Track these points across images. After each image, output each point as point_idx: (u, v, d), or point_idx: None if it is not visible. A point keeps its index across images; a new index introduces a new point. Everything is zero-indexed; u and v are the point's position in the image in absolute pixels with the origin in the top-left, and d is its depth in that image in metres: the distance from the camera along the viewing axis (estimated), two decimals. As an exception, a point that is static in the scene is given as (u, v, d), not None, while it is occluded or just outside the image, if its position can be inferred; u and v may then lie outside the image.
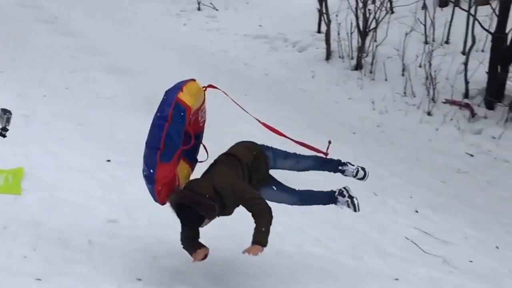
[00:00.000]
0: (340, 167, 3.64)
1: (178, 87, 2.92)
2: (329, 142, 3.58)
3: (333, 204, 3.56)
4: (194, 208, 2.89)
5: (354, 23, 8.92)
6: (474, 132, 7.61)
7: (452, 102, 8.11)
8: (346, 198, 3.51)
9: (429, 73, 8.01)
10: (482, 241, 4.85)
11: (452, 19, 9.02)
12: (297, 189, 3.56)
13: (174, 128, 2.83)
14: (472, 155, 7.15)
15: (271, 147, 3.51)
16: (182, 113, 2.85)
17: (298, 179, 3.86)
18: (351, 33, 8.96)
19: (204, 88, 3.17)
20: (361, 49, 8.88)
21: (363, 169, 3.68)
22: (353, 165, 3.67)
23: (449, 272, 4.00)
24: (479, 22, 8.01)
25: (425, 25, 8.96)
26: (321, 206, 3.61)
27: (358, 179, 3.68)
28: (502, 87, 8.13)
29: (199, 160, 3.30)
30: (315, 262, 3.92)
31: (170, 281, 3.25)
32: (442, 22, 9.01)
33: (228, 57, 9.43)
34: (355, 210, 3.51)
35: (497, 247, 4.73)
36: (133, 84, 7.16)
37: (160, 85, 3.46)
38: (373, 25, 8.85)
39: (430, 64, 8.04)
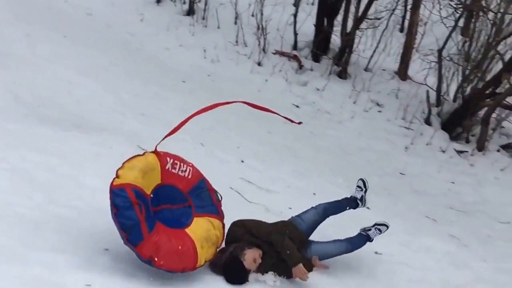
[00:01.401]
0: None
1: (115, 175, 2.96)
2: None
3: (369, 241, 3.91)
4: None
5: (186, -35, 8.47)
6: (301, 83, 7.87)
7: (282, 53, 8.26)
8: (373, 229, 3.93)
9: (260, 23, 8.00)
10: (302, 188, 5.01)
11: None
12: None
13: (123, 212, 2.88)
14: (298, 106, 7.39)
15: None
16: (123, 193, 2.91)
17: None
18: (183, -25, 8.51)
19: (154, 153, 3.22)
20: (193, -7, 8.51)
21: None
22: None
23: (268, 219, 3.99)
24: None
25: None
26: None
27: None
28: (328, 40, 8.50)
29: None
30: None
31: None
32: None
33: (46, -8, 8.29)
34: (387, 227, 3.95)
35: (314, 194, 4.93)
36: None
37: None
38: (203, -32, 8.50)
39: (261, 14, 8.01)
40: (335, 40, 8.64)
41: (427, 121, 7.67)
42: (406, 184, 6.28)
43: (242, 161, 5.24)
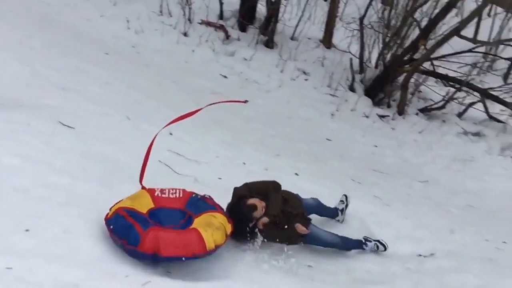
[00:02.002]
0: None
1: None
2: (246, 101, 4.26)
3: (361, 249, 4.10)
4: None
5: None
6: (228, 54, 7.83)
7: (208, 23, 8.15)
8: (373, 242, 4.12)
9: (185, -8, 7.83)
10: (231, 158, 5.04)
11: None
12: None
13: (116, 225, 3.07)
14: (226, 77, 7.37)
15: None
16: (116, 217, 3.12)
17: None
18: None
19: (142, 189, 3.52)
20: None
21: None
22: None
23: (199, 190, 4.00)
24: None
25: None
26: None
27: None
28: (254, 10, 8.47)
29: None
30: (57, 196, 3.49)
31: None
32: None
33: None
34: (385, 249, 4.13)
35: (244, 163, 4.99)
36: None
37: None
38: None
39: (185, -18, 7.84)
40: (261, 9, 8.63)
41: (351, 88, 7.92)
42: (333, 149, 6.50)
43: (171, 134, 5.17)
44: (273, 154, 5.59)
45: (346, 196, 4.50)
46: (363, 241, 4.14)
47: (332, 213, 4.40)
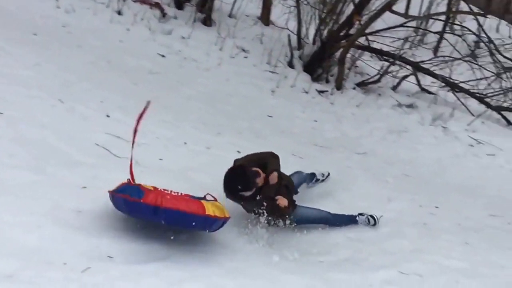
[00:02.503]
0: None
1: None
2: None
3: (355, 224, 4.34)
4: None
5: None
6: (165, 32, 7.65)
7: (142, 1, 7.92)
8: (366, 216, 4.36)
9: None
10: (172, 139, 4.98)
11: None
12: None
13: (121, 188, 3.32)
14: (163, 56, 7.21)
15: None
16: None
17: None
18: None
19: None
20: None
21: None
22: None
23: (140, 172, 3.93)
24: None
25: None
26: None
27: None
28: (190, -13, 8.30)
29: None
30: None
31: None
32: None
33: None
34: (375, 223, 4.35)
35: (185, 143, 4.94)
36: None
37: None
38: None
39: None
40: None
41: (290, 64, 7.98)
42: (274, 126, 6.55)
43: (108, 116, 5.04)
44: (215, 132, 5.57)
45: (328, 174, 5.03)
46: (356, 217, 4.34)
47: (311, 178, 4.88)
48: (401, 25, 8.20)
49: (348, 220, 4.35)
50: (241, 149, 5.24)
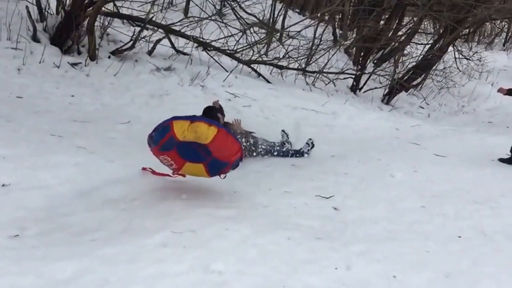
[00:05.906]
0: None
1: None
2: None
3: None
4: None
5: None
6: None
7: None
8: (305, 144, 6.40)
9: None
10: None
11: None
12: None
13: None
14: None
15: None
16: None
17: None
18: None
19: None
20: None
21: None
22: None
23: None
24: None
25: None
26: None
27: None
28: None
29: None
30: None
31: None
32: None
33: None
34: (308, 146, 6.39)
35: None
36: None
37: None
38: None
39: None
40: None
41: (35, 38, 7.30)
42: (26, 107, 5.99)
43: None
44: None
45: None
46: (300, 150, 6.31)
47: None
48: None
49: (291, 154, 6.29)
50: None
